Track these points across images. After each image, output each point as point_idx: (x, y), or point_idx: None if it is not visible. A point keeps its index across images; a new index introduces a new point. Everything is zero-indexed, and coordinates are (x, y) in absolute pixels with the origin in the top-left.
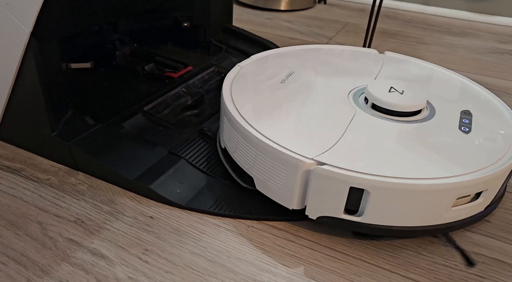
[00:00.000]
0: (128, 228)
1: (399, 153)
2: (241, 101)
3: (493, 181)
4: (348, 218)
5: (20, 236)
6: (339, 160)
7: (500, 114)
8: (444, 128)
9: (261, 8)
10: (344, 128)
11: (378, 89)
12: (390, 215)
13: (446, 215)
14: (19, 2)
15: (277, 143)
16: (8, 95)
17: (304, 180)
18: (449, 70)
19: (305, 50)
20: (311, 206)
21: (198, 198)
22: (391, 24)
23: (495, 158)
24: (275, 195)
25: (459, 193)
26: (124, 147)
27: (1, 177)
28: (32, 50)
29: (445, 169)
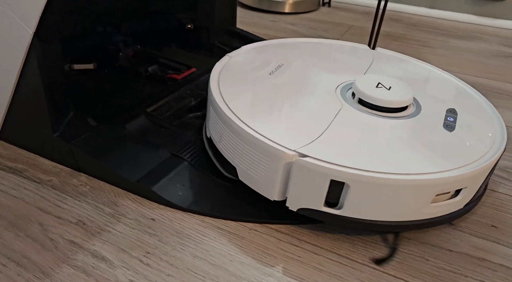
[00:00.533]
0: (129, 231)
1: (381, 148)
2: (227, 91)
3: (472, 179)
4: (328, 211)
5: (21, 237)
6: (321, 153)
7: (486, 114)
8: (429, 125)
9: (265, 11)
10: (329, 122)
11: (366, 84)
12: (369, 209)
13: (425, 211)
14: (22, 3)
15: (260, 134)
16: (11, 96)
17: (285, 171)
18: (439, 69)
19: (297, 43)
20: (292, 198)
21: (200, 200)
22: (396, 27)
23: (476, 156)
24: (257, 186)
25: (438, 190)
26: (126, 148)
27: (3, 178)
28: (34, 51)
29: (425, 166)
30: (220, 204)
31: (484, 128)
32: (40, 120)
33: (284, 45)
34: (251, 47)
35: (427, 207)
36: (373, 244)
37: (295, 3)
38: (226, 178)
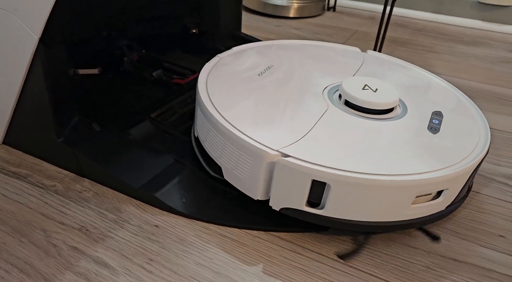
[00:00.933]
0: (132, 237)
1: (364, 149)
2: (215, 91)
3: (453, 181)
4: (310, 211)
5: (24, 243)
6: (304, 153)
7: (471, 117)
8: (413, 127)
9: (270, 15)
10: (313, 123)
11: (352, 86)
12: (350, 210)
13: (405, 212)
14: (28, 8)
15: (244, 133)
16: (16, 101)
17: (268, 171)
18: (429, 72)
19: (288, 44)
20: (275, 197)
21: (203, 207)
22: (401, 32)
23: (458, 159)
24: (241, 185)
25: (418, 191)
26: (130, 154)
27: (7, 183)
28: (39, 56)
29: (406, 167)
30: (224, 211)
31: (468, 131)
32: (45, 125)
33: (275, 46)
34: (242, 48)
35: (408, 208)
36: (377, 253)
37: (300, 7)
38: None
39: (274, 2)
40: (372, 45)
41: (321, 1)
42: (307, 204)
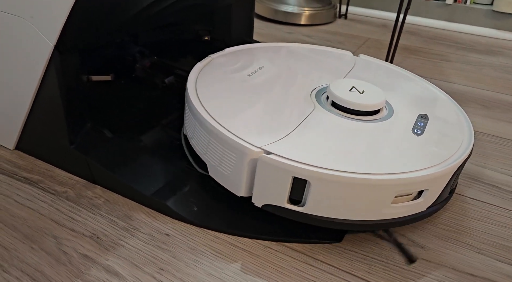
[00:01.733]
0: (143, 246)
1: (347, 149)
2: (203, 89)
3: (433, 181)
4: (291, 208)
5: (35, 250)
6: (286, 150)
7: (457, 121)
8: (397, 129)
9: (282, 22)
10: (298, 122)
11: (339, 88)
12: (330, 207)
13: (385, 211)
14: (44, 16)
15: (229, 130)
16: (29, 107)
17: (251, 167)
18: (417, 76)
19: (282, 47)
20: (257, 194)
21: (215, 216)
22: (413, 40)
23: (438, 160)
24: (224, 182)
25: (398, 190)
26: (141, 161)
27: (19, 189)
28: (54, 63)
29: (387, 166)
30: (235, 220)
31: (452, 134)
32: (57, 131)
33: (269, 48)
34: (236, 49)
35: (388, 207)
36: (391, 266)
37: (311, 15)
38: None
39: (286, 9)
40: (384, 52)
41: (332, 8)
42: (288, 201)
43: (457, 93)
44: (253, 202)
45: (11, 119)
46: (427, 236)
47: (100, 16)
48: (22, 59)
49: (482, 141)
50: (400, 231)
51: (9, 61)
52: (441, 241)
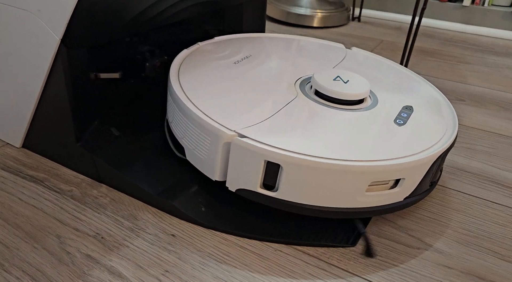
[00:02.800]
0: (148, 246)
1: (323, 136)
2: (186, 74)
3: (408, 170)
4: (264, 193)
5: (38, 249)
6: (261, 135)
7: (442, 114)
8: (379, 119)
9: (294, 25)
10: (278, 109)
11: (323, 77)
12: (302, 193)
13: (360, 199)
14: (50, 9)
15: (205, 113)
16: (36, 103)
17: (225, 151)
18: (409, 70)
19: (274, 37)
20: (231, 178)
21: (223, 217)
22: (429, 43)
23: (416, 150)
24: (201, 166)
25: (372, 178)
26: (148, 160)
27: (24, 187)
28: (61, 58)
29: (361, 154)
30: (244, 221)
31: (435, 126)
32: (64, 128)
33: (261, 38)
34: (225, 38)
35: (362, 195)
36: (407, 271)
37: (324, 17)
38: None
39: (298, 11)
40: (399, 54)
41: (345, 10)
42: (262, 186)
43: (476, 95)
44: (227, 186)
45: (17, 116)
46: (448, 241)
47: (107, 11)
48: (28, 54)
49: (504, 144)
50: (418, 235)
51: (16, 56)
52: (462, 246)
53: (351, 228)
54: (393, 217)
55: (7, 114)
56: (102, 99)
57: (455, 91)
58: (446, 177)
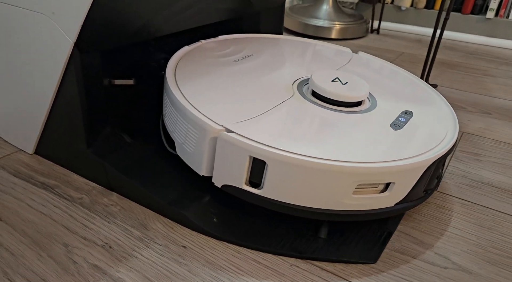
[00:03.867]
0: (158, 258)
1: (313, 135)
2: (183, 69)
3: (398, 174)
4: (249, 190)
5: (43, 258)
6: (249, 131)
7: (443, 121)
8: (375, 122)
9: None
10: (271, 107)
11: (322, 78)
12: (287, 192)
13: (347, 202)
14: (64, 12)
15: (195, 107)
16: (49, 109)
17: (212, 146)
18: (415, 76)
19: (279, 39)
20: (217, 174)
21: (236, 229)
22: (451, 55)
23: (408, 155)
24: (189, 160)
25: (358, 180)
26: (160, 168)
27: (34, 193)
28: (74, 62)
29: (349, 155)
30: (258, 234)
31: (434, 132)
32: (75, 134)
33: (266, 39)
34: (229, 37)
35: (349, 197)
36: None
37: (342, 29)
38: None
39: (316, 23)
40: (420, 66)
41: (364, 23)
42: (247, 183)
43: (503, 108)
44: (213, 182)
45: (30, 122)
46: (477, 260)
47: (121, 14)
48: (42, 58)
49: None
50: (444, 253)
51: (30, 60)
52: (491, 266)
53: (372, 243)
54: (416, 233)
55: (20, 120)
56: (115, 105)
57: (480, 104)
58: (472, 192)
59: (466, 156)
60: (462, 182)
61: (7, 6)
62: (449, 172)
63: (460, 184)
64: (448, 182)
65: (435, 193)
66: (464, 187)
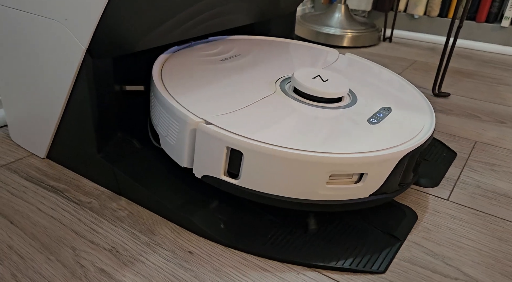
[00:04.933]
0: (164, 263)
1: (290, 128)
2: (170, 66)
3: (370, 165)
4: (227, 180)
5: (52, 261)
6: (227, 123)
7: (420, 119)
8: (352, 117)
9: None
10: (252, 102)
11: (303, 75)
12: (264, 182)
13: (322, 192)
14: (77, 18)
15: (177, 101)
16: (61, 114)
17: (192, 138)
18: (400, 77)
19: (269, 40)
20: (197, 165)
21: (243, 236)
22: (466, 64)
23: (380, 147)
24: (171, 152)
25: (331, 170)
26: (169, 174)
27: (44, 197)
28: (86, 68)
29: (323, 146)
30: (265, 241)
31: (409, 128)
32: (86, 139)
33: (256, 40)
34: (219, 38)
35: (323, 188)
36: None
37: (354, 37)
38: (274, 213)
39: (327, 31)
40: (433, 75)
41: (376, 31)
42: (226, 173)
43: None
44: (194, 173)
45: (42, 126)
46: (491, 273)
47: (133, 21)
48: (54, 64)
49: None
50: (456, 264)
51: (42, 66)
52: (508, 279)
53: (380, 252)
54: (427, 243)
55: (33, 124)
56: (126, 111)
57: (495, 113)
58: (487, 202)
59: (481, 166)
60: (476, 192)
61: (21, 13)
62: (462, 182)
63: (474, 194)
64: (462, 192)
65: (448, 203)
66: (478, 198)
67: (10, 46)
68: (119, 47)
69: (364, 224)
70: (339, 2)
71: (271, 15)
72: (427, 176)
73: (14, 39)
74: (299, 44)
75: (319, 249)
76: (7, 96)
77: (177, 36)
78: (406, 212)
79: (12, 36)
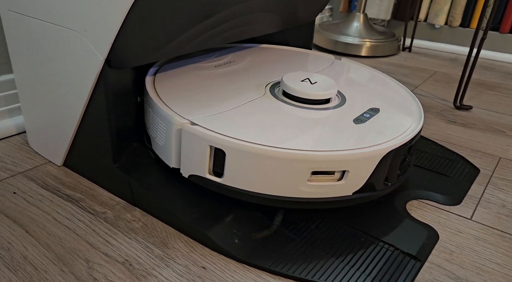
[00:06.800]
0: (177, 278)
1: (274, 128)
2: (164, 71)
3: (352, 162)
4: (211, 178)
5: (65, 273)
6: (212, 124)
7: (407, 119)
8: (339, 117)
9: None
10: (240, 104)
11: (292, 78)
12: (246, 180)
13: (303, 189)
14: (96, 29)
15: (165, 103)
16: (78, 122)
17: (178, 138)
18: (393, 80)
19: (265, 48)
20: (184, 164)
21: (258, 251)
22: (488, 76)
23: (362, 145)
24: (161, 153)
25: (311, 167)
26: (184, 186)
27: (59, 206)
28: (104, 78)
29: (305, 144)
30: (281, 258)
31: (395, 129)
32: (102, 148)
33: (254, 48)
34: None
35: (305, 185)
36: None
37: (373, 46)
38: (289, 229)
39: (346, 40)
40: (455, 87)
41: (396, 40)
42: (210, 172)
43: None
44: (181, 172)
45: (60, 134)
46: None
47: (152, 32)
48: (73, 74)
49: None
50: None
51: (61, 75)
52: None
53: (401, 273)
54: (450, 266)
55: (50, 132)
56: (142, 122)
57: None
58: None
59: (506, 184)
60: (501, 212)
61: (42, 23)
62: (486, 201)
63: (499, 215)
64: (486, 212)
65: (471, 223)
66: (504, 218)
67: (30, 54)
68: (137, 58)
69: (385, 244)
70: (358, 11)
71: (291, 25)
72: (448, 193)
73: (34, 47)
74: (296, 50)
75: (335, 268)
76: (26, 103)
77: (196, 46)
78: (427, 231)
79: (32, 45)
